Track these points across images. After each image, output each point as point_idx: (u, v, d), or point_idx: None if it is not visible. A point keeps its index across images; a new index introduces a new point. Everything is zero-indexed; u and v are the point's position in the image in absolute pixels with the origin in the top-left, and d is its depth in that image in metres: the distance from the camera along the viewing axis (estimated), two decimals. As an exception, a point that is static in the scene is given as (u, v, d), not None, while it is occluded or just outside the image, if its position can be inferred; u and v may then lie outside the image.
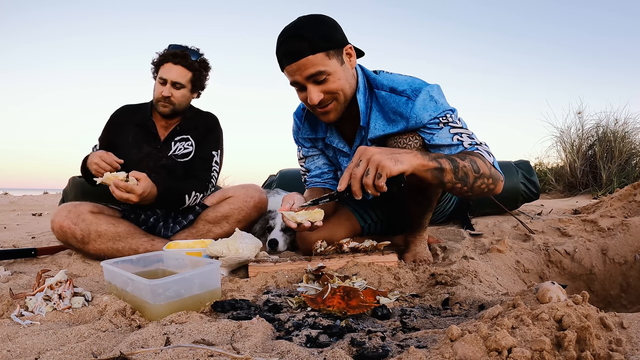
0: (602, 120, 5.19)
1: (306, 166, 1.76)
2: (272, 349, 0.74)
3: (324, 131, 1.63)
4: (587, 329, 0.64)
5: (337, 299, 1.00)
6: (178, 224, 1.92)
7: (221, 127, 2.09)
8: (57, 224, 1.70)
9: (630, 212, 2.23)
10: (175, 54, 1.91)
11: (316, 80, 1.33)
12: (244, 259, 1.41)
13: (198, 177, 1.93)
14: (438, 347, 0.67)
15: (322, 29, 1.30)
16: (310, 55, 1.28)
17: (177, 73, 1.89)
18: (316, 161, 1.74)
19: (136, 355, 0.70)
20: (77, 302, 1.02)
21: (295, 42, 1.28)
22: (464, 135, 1.36)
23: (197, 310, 1.00)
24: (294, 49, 1.29)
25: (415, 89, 1.39)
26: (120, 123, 2.01)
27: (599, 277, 1.76)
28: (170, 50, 1.93)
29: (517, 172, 2.64)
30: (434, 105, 1.37)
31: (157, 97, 1.92)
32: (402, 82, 1.42)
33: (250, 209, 1.92)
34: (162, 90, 1.90)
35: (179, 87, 1.91)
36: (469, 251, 1.67)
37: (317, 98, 1.33)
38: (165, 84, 1.90)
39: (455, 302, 1.05)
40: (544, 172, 5.48)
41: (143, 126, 1.99)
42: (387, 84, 1.44)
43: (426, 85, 1.40)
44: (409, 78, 1.45)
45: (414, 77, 1.46)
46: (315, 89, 1.34)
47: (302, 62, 1.29)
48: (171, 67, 1.90)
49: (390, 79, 1.45)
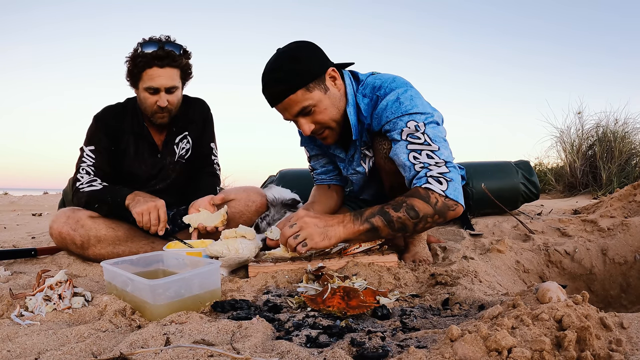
0: (602, 120, 5.19)
1: (312, 165, 1.82)
2: (272, 349, 0.74)
3: (327, 145, 1.65)
4: (587, 329, 0.64)
5: (337, 299, 1.00)
6: (178, 226, 1.92)
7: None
8: (55, 230, 1.65)
9: (630, 212, 2.23)
10: (159, 56, 1.64)
11: (304, 113, 1.37)
12: (244, 259, 1.41)
13: (209, 172, 1.93)
14: (438, 347, 0.67)
15: (296, 66, 1.32)
16: (291, 95, 1.33)
17: (167, 77, 1.67)
18: (321, 160, 1.79)
19: (136, 355, 0.70)
20: (77, 302, 1.02)
21: (274, 86, 1.34)
22: (422, 154, 1.29)
23: (197, 310, 1.00)
24: (274, 92, 1.35)
25: (388, 89, 1.38)
26: (115, 128, 1.81)
27: (599, 277, 1.76)
28: (150, 52, 1.64)
29: (517, 172, 2.63)
30: (396, 106, 1.34)
31: (150, 110, 1.73)
32: (384, 80, 1.42)
33: (251, 213, 1.91)
34: (155, 101, 1.69)
35: (173, 90, 1.72)
36: (469, 251, 1.67)
37: (309, 129, 1.40)
38: (157, 93, 1.69)
39: (455, 302, 1.05)
40: (544, 172, 5.47)
41: (138, 134, 1.83)
42: (371, 84, 1.44)
43: (403, 86, 1.38)
44: (392, 78, 1.43)
45: (401, 78, 1.44)
46: (306, 121, 1.39)
47: (285, 102, 1.35)
48: (158, 72, 1.65)
49: (376, 79, 1.45)
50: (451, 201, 1.26)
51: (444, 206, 1.25)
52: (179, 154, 1.90)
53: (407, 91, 1.36)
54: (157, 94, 1.70)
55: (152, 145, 1.86)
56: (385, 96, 1.37)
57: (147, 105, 1.74)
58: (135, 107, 1.85)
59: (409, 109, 1.33)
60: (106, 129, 1.80)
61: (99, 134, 1.79)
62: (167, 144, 1.88)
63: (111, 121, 1.81)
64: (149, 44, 1.67)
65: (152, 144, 1.86)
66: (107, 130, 1.80)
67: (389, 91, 1.38)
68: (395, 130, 1.34)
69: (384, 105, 1.36)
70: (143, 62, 1.65)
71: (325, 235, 1.24)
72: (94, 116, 1.83)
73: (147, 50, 1.65)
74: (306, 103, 1.35)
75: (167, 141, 1.88)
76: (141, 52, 1.66)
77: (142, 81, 1.69)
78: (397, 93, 1.36)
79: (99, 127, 1.80)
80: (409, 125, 1.31)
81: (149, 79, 1.67)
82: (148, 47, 1.66)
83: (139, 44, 1.69)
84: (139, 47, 1.68)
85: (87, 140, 1.80)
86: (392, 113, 1.34)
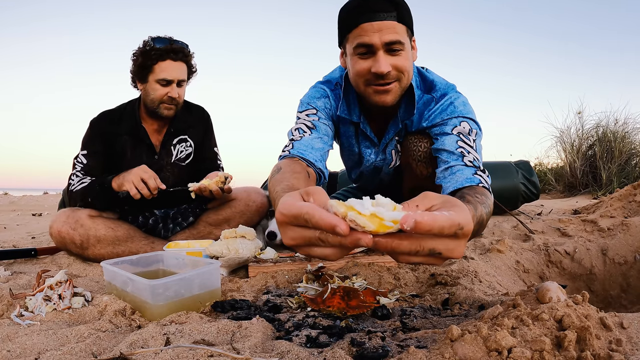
0: (602, 120, 5.20)
1: (311, 121, 1.36)
2: (272, 349, 0.74)
3: (358, 116, 1.44)
4: (587, 329, 0.64)
5: (337, 299, 1.00)
6: (178, 225, 1.92)
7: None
8: (55, 230, 1.66)
9: (630, 212, 2.23)
10: (174, 49, 1.74)
11: (391, 50, 1.19)
12: (244, 259, 1.41)
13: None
14: (438, 347, 0.67)
15: (407, 5, 1.21)
16: (396, 23, 1.17)
17: (180, 70, 1.77)
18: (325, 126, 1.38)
19: (136, 356, 0.70)
20: (77, 302, 1.02)
21: (384, 2, 1.16)
22: (470, 154, 1.20)
23: (197, 310, 1.00)
24: (382, 8, 1.16)
25: (443, 90, 1.35)
26: (110, 133, 1.82)
27: (599, 277, 1.76)
28: (166, 46, 1.74)
29: (517, 172, 2.64)
30: (452, 109, 1.30)
31: (160, 100, 1.77)
32: (438, 82, 1.38)
33: (252, 213, 1.91)
34: (166, 92, 1.76)
35: (182, 84, 1.80)
36: (469, 251, 1.67)
37: (387, 68, 1.19)
38: (169, 85, 1.76)
39: (455, 302, 1.05)
40: (544, 172, 5.48)
41: (134, 136, 1.84)
42: (425, 78, 1.39)
43: (457, 92, 1.35)
44: (444, 81, 1.40)
45: (450, 83, 1.41)
46: (387, 58, 1.20)
47: (388, 23, 1.16)
48: (172, 64, 1.75)
49: (429, 73, 1.42)
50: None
51: (490, 215, 1.08)
52: (176, 157, 1.91)
53: (460, 97, 1.34)
54: (169, 86, 1.76)
55: (150, 146, 1.86)
56: (442, 98, 1.32)
57: (155, 97, 1.77)
58: (133, 109, 1.86)
59: (464, 113, 1.29)
60: (100, 133, 1.82)
61: (92, 139, 1.83)
62: (164, 145, 1.89)
63: (106, 125, 1.83)
64: (160, 40, 1.75)
65: (149, 145, 1.86)
66: (102, 135, 1.82)
67: (444, 93, 1.34)
68: (447, 126, 1.27)
69: (439, 107, 1.31)
70: (157, 55, 1.72)
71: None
72: (90, 121, 1.86)
73: (159, 45, 1.73)
74: (402, 39, 1.19)
75: (165, 142, 1.89)
76: (153, 46, 1.73)
77: (153, 73, 1.75)
78: (453, 97, 1.32)
79: (93, 132, 1.83)
80: (463, 125, 1.26)
81: (162, 71, 1.73)
82: (159, 42, 1.74)
83: (150, 39, 1.76)
84: (150, 42, 1.75)
85: (82, 145, 1.84)
86: (447, 114, 1.30)
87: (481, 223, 0.95)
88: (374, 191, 1.76)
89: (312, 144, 1.29)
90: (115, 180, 1.68)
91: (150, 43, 1.74)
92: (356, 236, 0.52)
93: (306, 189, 0.61)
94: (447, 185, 1.18)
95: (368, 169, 1.58)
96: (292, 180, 1.03)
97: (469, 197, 0.99)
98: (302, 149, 1.27)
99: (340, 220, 0.52)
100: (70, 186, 1.79)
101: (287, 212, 0.56)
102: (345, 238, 0.53)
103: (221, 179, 1.69)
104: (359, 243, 0.53)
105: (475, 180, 1.13)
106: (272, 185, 1.06)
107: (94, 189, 1.73)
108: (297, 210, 0.55)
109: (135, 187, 1.61)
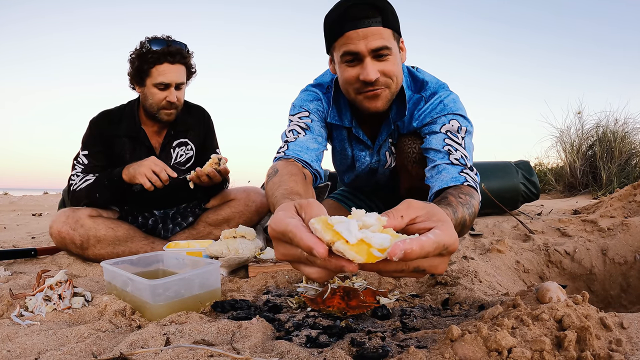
0: (601, 120, 5.20)
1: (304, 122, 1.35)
2: (272, 349, 0.74)
3: (350, 121, 1.43)
4: (587, 329, 0.64)
5: (337, 299, 0.99)
6: (178, 225, 1.92)
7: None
8: (55, 230, 1.66)
9: (630, 212, 2.23)
10: (170, 52, 1.68)
11: (378, 56, 1.18)
12: (244, 259, 1.41)
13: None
14: (438, 347, 0.67)
15: (392, 8, 1.19)
16: (381, 27, 1.15)
17: (178, 73, 1.72)
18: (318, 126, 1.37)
19: (136, 356, 0.70)
20: (77, 303, 1.02)
21: (367, 9, 1.15)
22: (457, 152, 1.19)
23: (197, 310, 1.00)
24: (365, 15, 1.15)
25: (433, 89, 1.34)
26: (109, 134, 1.80)
27: (599, 277, 1.75)
28: (159, 49, 1.67)
29: (517, 172, 2.64)
30: (442, 107, 1.30)
31: (159, 105, 1.73)
32: (429, 81, 1.37)
33: (251, 213, 1.91)
34: (165, 96, 1.71)
35: (181, 87, 1.76)
36: (469, 251, 1.67)
37: (375, 75, 1.18)
38: (167, 89, 1.71)
39: (455, 302, 1.05)
40: (544, 172, 5.48)
41: (134, 138, 1.82)
42: (415, 77, 1.39)
43: (447, 90, 1.35)
44: (435, 80, 1.39)
45: (441, 81, 1.40)
46: (374, 65, 1.18)
47: (373, 29, 1.15)
48: (169, 67, 1.69)
49: (419, 72, 1.41)
50: (479, 197, 1.13)
51: (475, 215, 1.08)
52: (175, 160, 1.89)
53: (451, 95, 1.33)
54: (167, 90, 1.72)
55: (149, 148, 1.85)
56: (432, 97, 1.32)
57: (154, 101, 1.74)
58: (132, 110, 1.85)
59: (453, 110, 1.29)
60: (100, 133, 1.81)
61: (92, 139, 1.81)
62: (164, 147, 1.88)
63: (105, 126, 1.82)
64: (157, 41, 1.69)
65: (149, 147, 1.85)
66: (101, 135, 1.81)
67: (434, 92, 1.33)
68: (436, 125, 1.28)
69: (429, 106, 1.31)
70: (154, 58, 1.67)
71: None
72: (89, 121, 1.85)
73: (155, 48, 1.67)
74: (389, 44, 1.17)
75: (165, 144, 1.87)
76: (150, 49, 1.67)
77: (151, 77, 1.70)
78: (443, 96, 1.32)
79: (92, 132, 1.82)
80: (452, 123, 1.25)
81: (159, 74, 1.69)
82: (156, 44, 1.68)
83: (147, 41, 1.70)
84: (146, 45, 1.69)
85: (82, 145, 1.83)
86: (437, 113, 1.29)
87: (463, 224, 0.96)
88: (371, 192, 1.76)
89: (307, 144, 1.28)
90: (125, 172, 1.66)
91: (147, 45, 1.69)
92: (341, 263, 0.52)
93: (300, 202, 0.60)
94: (433, 184, 1.18)
95: (364, 171, 1.58)
96: (290, 183, 1.02)
97: (452, 198, 1.00)
98: (298, 150, 1.26)
99: (317, 242, 0.51)
100: (72, 186, 1.78)
101: (277, 228, 0.56)
102: (329, 262, 0.53)
103: (214, 160, 1.67)
104: (344, 270, 0.52)
105: (460, 179, 1.13)
106: (270, 188, 1.05)
107: (101, 184, 1.71)
108: (284, 227, 0.55)
109: (149, 180, 1.61)
